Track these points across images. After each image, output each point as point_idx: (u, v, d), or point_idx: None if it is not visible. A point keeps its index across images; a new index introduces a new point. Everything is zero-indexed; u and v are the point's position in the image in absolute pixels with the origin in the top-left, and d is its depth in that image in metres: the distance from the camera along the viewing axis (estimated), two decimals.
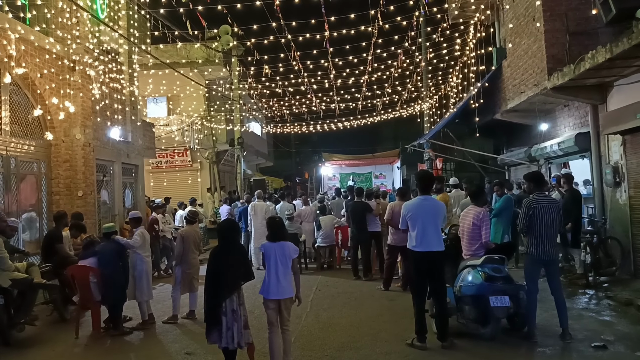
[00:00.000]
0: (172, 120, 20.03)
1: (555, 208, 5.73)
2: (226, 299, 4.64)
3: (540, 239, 5.68)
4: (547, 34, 9.82)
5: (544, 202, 5.73)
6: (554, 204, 5.82)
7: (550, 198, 6.01)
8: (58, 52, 9.97)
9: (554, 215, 5.68)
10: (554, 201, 5.95)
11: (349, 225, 10.92)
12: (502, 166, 15.99)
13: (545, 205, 5.69)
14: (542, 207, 5.67)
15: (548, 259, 5.71)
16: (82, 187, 10.31)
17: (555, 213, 5.70)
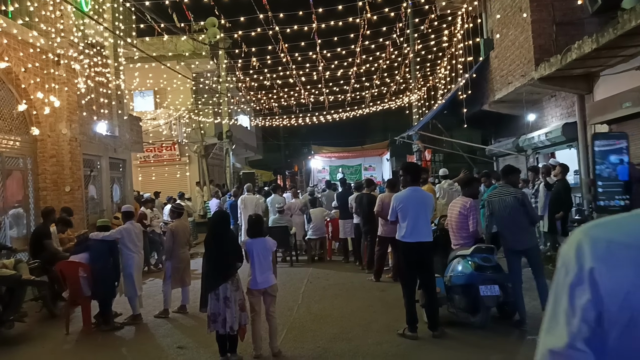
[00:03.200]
0: (159, 114, 19.84)
1: (512, 199, 5.80)
2: (221, 284, 4.98)
3: (507, 231, 5.85)
4: (534, 24, 9.88)
5: (500, 195, 5.89)
6: (511, 195, 5.87)
7: (507, 190, 6.05)
8: (42, 46, 9.82)
9: (513, 205, 5.75)
10: (511, 192, 5.97)
11: (340, 217, 10.96)
12: (491, 157, 16.11)
13: (501, 199, 5.85)
14: (497, 200, 5.85)
15: (522, 248, 5.83)
16: (70, 183, 10.21)
17: (514, 203, 5.77)
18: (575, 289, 0.81)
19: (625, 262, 0.78)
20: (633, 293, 0.76)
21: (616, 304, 0.77)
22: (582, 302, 0.80)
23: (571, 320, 0.81)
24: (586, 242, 0.82)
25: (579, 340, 0.80)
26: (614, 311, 0.77)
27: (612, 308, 0.77)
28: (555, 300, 0.85)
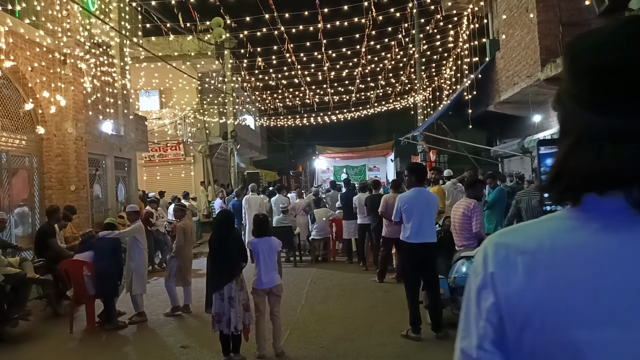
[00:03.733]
0: (164, 114, 19.89)
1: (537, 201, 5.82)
2: (226, 284, 4.99)
3: None
4: (540, 25, 9.83)
5: (530, 195, 5.86)
6: (537, 197, 5.89)
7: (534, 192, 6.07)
8: (48, 45, 9.86)
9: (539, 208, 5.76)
10: (537, 195, 6.00)
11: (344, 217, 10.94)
12: (495, 158, 16.06)
13: (530, 198, 5.82)
14: (527, 199, 5.82)
15: None
16: (75, 182, 10.24)
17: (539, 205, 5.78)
18: (482, 292, 0.85)
19: (519, 267, 0.82)
20: (525, 296, 0.80)
21: (511, 307, 0.81)
22: (487, 305, 0.84)
23: (479, 322, 0.85)
24: (490, 248, 0.87)
25: (486, 342, 0.84)
26: (510, 314, 0.82)
27: (508, 311, 0.82)
28: (467, 303, 0.89)
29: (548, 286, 0.79)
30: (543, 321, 0.78)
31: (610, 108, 0.77)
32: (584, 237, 0.80)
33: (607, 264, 0.77)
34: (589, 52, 0.80)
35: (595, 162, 0.78)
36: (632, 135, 0.76)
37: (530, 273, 0.81)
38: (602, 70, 0.78)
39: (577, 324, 0.76)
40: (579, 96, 0.81)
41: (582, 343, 0.75)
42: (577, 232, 0.81)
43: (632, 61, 0.75)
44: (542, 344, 0.79)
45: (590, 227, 0.80)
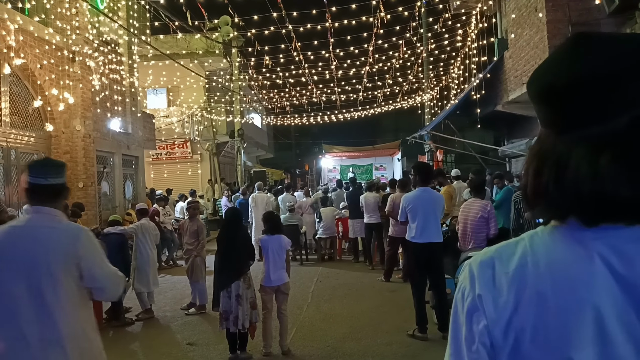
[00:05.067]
0: (172, 112, 19.97)
1: None
2: (234, 282, 5.00)
3: None
4: (549, 24, 9.76)
5: None
6: None
7: None
8: (57, 43, 9.92)
9: None
10: None
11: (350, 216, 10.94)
12: (503, 158, 15.97)
13: None
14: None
15: None
16: (83, 179, 10.30)
17: None
18: (473, 315, 0.84)
19: (504, 288, 0.81)
20: (512, 318, 0.80)
21: (500, 330, 0.81)
22: (479, 328, 0.83)
23: (471, 346, 0.84)
24: (476, 268, 0.86)
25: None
26: (499, 338, 0.81)
27: (497, 335, 0.81)
28: (455, 326, 0.88)
29: (535, 305, 0.78)
30: (533, 341, 0.78)
31: (553, 126, 0.81)
32: (565, 252, 0.80)
33: (579, 281, 0.76)
34: (536, 77, 0.84)
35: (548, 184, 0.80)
36: (568, 158, 0.78)
37: (515, 291, 0.80)
38: (544, 92, 0.82)
39: (566, 342, 0.75)
40: (539, 119, 0.85)
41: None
42: (559, 248, 0.81)
43: (564, 79, 0.79)
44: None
45: (570, 242, 0.80)
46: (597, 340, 0.73)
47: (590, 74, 0.77)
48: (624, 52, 0.77)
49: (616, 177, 0.74)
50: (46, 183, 2.41)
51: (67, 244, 2.32)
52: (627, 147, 0.75)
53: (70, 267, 2.29)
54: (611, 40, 0.79)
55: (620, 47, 0.78)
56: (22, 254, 2.26)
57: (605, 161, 0.75)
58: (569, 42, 0.82)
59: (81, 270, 2.31)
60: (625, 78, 0.75)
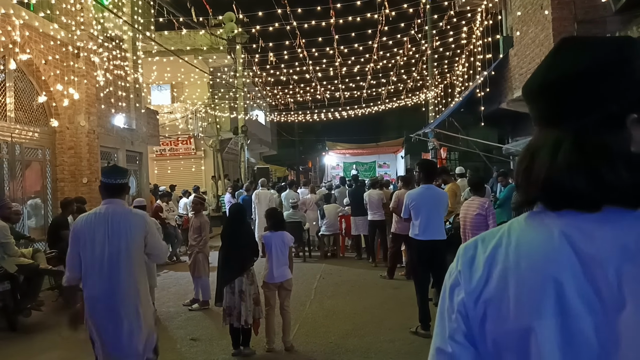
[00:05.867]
0: (176, 108, 19.98)
1: None
2: (237, 277, 5.00)
3: None
4: (554, 22, 9.71)
5: None
6: None
7: None
8: (62, 39, 9.94)
9: None
10: None
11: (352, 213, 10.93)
12: (507, 156, 15.91)
13: None
14: None
15: None
16: (87, 174, 10.33)
17: None
18: (454, 289, 0.92)
19: (481, 264, 0.89)
20: (483, 290, 0.87)
21: (473, 302, 0.88)
22: (458, 300, 0.91)
23: (451, 316, 0.91)
24: (462, 249, 0.96)
25: (458, 334, 0.90)
26: (472, 309, 0.88)
27: (471, 306, 0.88)
28: (442, 302, 0.95)
29: (502, 279, 0.85)
30: (498, 311, 0.85)
31: (535, 123, 0.90)
32: (532, 232, 0.86)
33: (546, 257, 0.82)
34: (527, 79, 0.92)
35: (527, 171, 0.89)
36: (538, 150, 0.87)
37: (489, 268, 0.88)
38: (526, 92, 0.92)
39: (528, 313, 0.81)
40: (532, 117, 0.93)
41: (529, 330, 0.80)
42: (528, 228, 0.88)
43: (538, 81, 0.88)
44: (499, 335, 0.84)
45: (538, 223, 0.86)
46: (558, 311, 0.78)
47: (558, 76, 0.85)
48: (594, 55, 0.83)
49: (569, 169, 0.81)
50: (115, 183, 3.50)
51: (140, 223, 3.47)
52: (584, 142, 0.81)
53: (141, 238, 3.44)
54: (587, 44, 0.86)
55: (592, 50, 0.84)
56: (111, 229, 3.36)
57: (562, 155, 0.82)
58: (553, 47, 0.91)
59: (146, 241, 3.46)
60: (592, 79, 0.82)
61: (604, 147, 0.80)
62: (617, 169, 0.79)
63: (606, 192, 0.79)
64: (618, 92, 0.81)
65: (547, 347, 0.78)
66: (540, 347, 0.79)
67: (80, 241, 3.40)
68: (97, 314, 3.41)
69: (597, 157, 0.80)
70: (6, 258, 6.15)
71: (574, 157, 0.81)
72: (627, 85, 0.81)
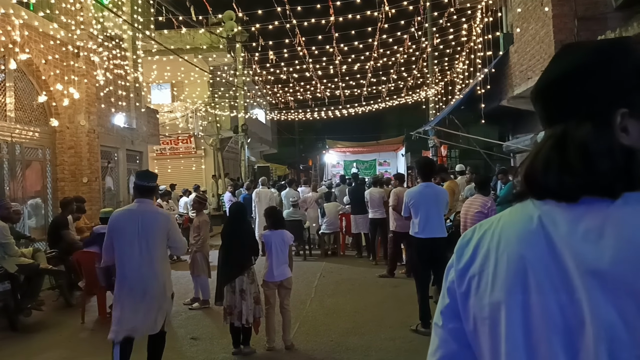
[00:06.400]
0: (176, 107, 19.96)
1: None
2: (237, 276, 4.99)
3: None
4: (555, 19, 9.69)
5: None
6: None
7: None
8: (62, 38, 9.93)
9: None
10: None
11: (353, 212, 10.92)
12: (508, 153, 15.90)
13: None
14: None
15: None
16: (87, 174, 10.33)
17: None
18: (449, 270, 1.01)
19: (472, 245, 0.97)
20: (468, 268, 0.96)
21: (460, 280, 0.96)
22: (450, 279, 1.00)
23: (444, 294, 1.01)
24: (461, 236, 1.03)
25: (447, 309, 0.99)
26: (458, 284, 0.97)
27: (458, 282, 0.97)
28: (445, 278, 1.03)
29: (484, 258, 0.93)
30: (477, 287, 0.92)
31: (542, 124, 0.96)
32: (516, 217, 0.93)
33: (520, 238, 0.89)
34: (533, 86, 0.97)
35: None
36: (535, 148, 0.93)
37: (476, 249, 0.96)
38: (532, 96, 0.98)
39: (500, 288, 0.88)
40: None
41: (500, 304, 0.87)
42: (514, 214, 0.94)
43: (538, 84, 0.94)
44: (477, 309, 0.92)
45: (523, 210, 0.93)
46: (525, 288, 0.85)
47: (549, 80, 0.92)
48: (577, 58, 0.89)
49: (545, 165, 0.88)
50: (147, 185, 4.25)
51: (164, 220, 4.22)
52: (564, 140, 0.87)
53: (164, 233, 4.16)
54: (576, 48, 0.92)
55: (577, 54, 0.90)
56: (141, 223, 4.06)
57: (543, 151, 0.90)
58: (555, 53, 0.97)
59: (169, 235, 4.19)
60: (575, 81, 0.88)
61: (580, 144, 0.85)
62: (592, 163, 0.83)
63: (581, 184, 0.84)
64: (601, 91, 0.86)
65: (512, 321, 0.85)
66: (507, 321, 0.85)
67: (114, 232, 4.10)
68: (125, 290, 4.10)
69: (572, 153, 0.85)
70: (6, 258, 6.15)
71: (552, 153, 0.88)
72: (610, 84, 0.86)
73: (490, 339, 0.89)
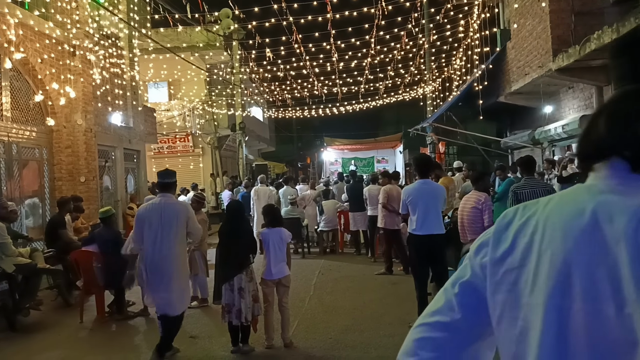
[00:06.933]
0: (173, 106, 19.92)
1: (543, 192, 5.68)
2: (236, 275, 4.98)
3: None
4: (552, 14, 9.69)
5: (530, 186, 5.72)
6: (542, 187, 5.76)
7: (538, 182, 5.96)
8: (58, 37, 9.88)
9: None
10: (543, 185, 5.89)
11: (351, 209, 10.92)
12: (506, 149, 15.92)
13: (532, 190, 5.67)
14: (528, 192, 5.66)
15: None
16: (85, 173, 10.30)
17: (543, 196, 5.62)
18: (482, 249, 0.93)
19: (512, 234, 0.87)
20: (507, 258, 0.86)
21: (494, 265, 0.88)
22: (482, 261, 0.91)
23: (474, 269, 0.93)
24: (504, 212, 0.95)
25: (470, 286, 0.92)
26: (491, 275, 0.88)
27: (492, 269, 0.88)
28: (469, 252, 0.98)
29: (525, 251, 0.83)
30: (514, 283, 0.83)
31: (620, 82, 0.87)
32: (567, 205, 0.82)
33: (569, 235, 0.78)
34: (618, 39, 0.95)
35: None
36: None
37: (516, 238, 0.86)
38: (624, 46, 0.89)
39: (537, 290, 0.79)
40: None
41: (538, 308, 0.78)
42: (566, 200, 0.83)
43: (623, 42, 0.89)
44: (508, 306, 0.83)
45: (578, 197, 0.82)
46: (568, 294, 0.75)
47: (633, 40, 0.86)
48: None
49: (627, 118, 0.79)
50: (169, 181, 5.09)
51: (184, 211, 4.98)
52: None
53: (184, 222, 4.90)
54: None
55: None
56: (163, 214, 4.83)
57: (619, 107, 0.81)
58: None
59: (188, 223, 4.93)
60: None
61: None
62: None
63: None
64: None
65: (547, 329, 0.76)
66: (542, 329, 0.76)
67: (141, 222, 4.88)
68: (150, 271, 4.84)
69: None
70: (4, 258, 6.13)
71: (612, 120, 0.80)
72: None
73: (517, 343, 0.80)
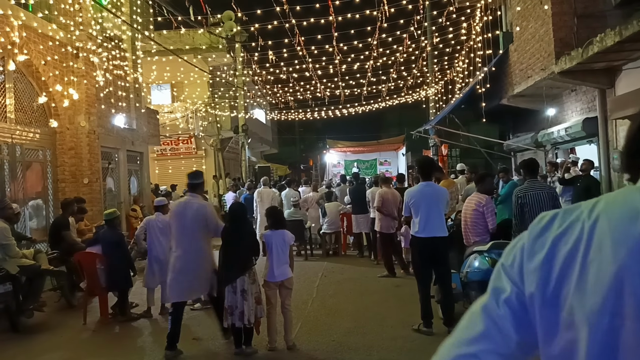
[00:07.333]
0: (176, 108, 19.96)
1: (547, 195, 5.67)
2: (239, 277, 4.99)
3: None
4: (554, 17, 9.68)
5: (533, 189, 5.70)
6: (545, 190, 5.75)
7: (541, 184, 5.96)
8: (61, 39, 9.92)
9: (546, 202, 5.62)
10: (546, 187, 5.89)
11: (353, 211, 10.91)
12: (508, 152, 15.90)
13: (536, 193, 5.65)
14: (530, 194, 5.65)
15: None
16: (88, 175, 10.33)
17: (547, 199, 5.63)
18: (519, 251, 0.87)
19: (549, 242, 0.80)
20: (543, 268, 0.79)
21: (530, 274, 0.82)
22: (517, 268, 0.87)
23: (502, 276, 0.91)
24: (535, 220, 0.88)
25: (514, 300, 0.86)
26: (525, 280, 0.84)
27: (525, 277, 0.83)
28: (504, 257, 0.95)
29: (566, 262, 0.75)
30: (554, 298, 0.75)
31: None
32: (617, 210, 0.71)
33: (620, 246, 0.69)
34: None
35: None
36: None
37: (556, 243, 0.77)
38: None
39: (581, 306, 0.70)
40: None
41: (581, 327, 0.70)
42: (618, 207, 0.72)
43: None
44: (546, 322, 0.76)
45: (632, 203, 0.71)
46: (618, 312, 0.66)
47: None
48: None
49: None
50: (197, 182, 5.57)
51: (203, 209, 5.36)
52: None
53: (205, 220, 5.32)
54: None
55: None
56: (190, 213, 5.29)
57: None
58: None
59: (209, 222, 5.33)
60: None
61: None
62: None
63: None
64: None
65: (593, 352, 0.69)
66: (587, 351, 0.69)
67: (174, 218, 5.44)
68: (179, 263, 5.26)
69: None
70: (7, 259, 6.15)
71: None
72: None
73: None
